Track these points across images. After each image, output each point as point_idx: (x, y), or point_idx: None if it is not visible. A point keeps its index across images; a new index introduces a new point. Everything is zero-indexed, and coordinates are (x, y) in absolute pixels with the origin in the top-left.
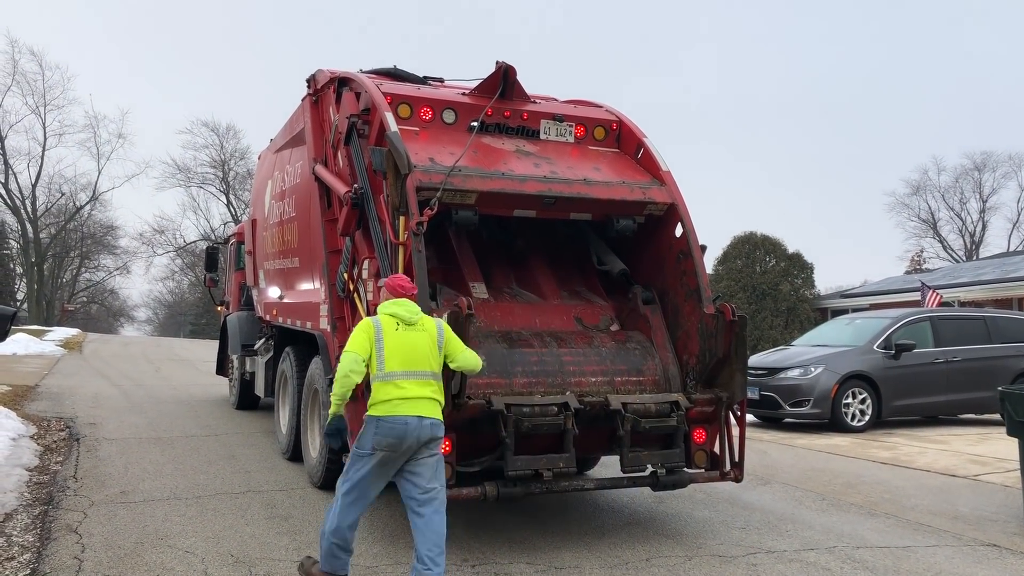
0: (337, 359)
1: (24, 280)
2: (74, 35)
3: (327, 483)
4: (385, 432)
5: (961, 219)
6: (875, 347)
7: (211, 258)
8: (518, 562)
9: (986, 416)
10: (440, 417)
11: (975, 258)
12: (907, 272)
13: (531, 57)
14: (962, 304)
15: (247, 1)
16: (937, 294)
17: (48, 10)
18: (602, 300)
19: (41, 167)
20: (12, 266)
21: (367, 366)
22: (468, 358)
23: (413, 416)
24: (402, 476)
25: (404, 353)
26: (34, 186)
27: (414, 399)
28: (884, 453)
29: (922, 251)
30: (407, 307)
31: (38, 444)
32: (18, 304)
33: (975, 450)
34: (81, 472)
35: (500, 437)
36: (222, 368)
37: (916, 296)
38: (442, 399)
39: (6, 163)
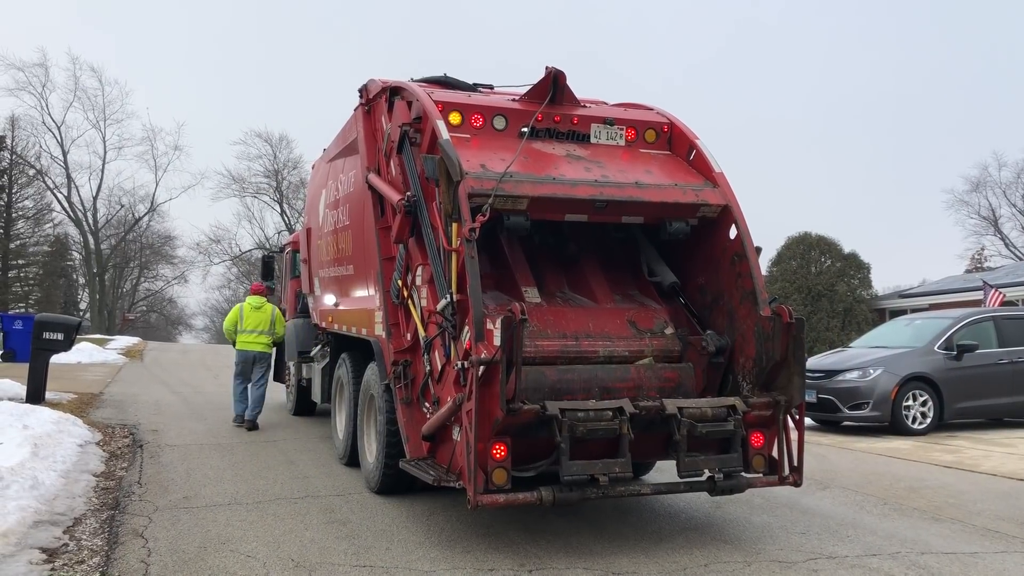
0: (392, 364)
1: (87, 290)
2: (130, 50)
3: (384, 488)
4: (239, 356)
5: None
6: (936, 348)
7: (267, 267)
8: (575, 567)
9: None
10: (265, 350)
11: None
12: (967, 271)
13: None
14: None
15: (297, 12)
16: (1000, 293)
17: (104, 26)
18: (656, 303)
19: (101, 180)
20: (75, 277)
21: (236, 326)
22: (279, 330)
23: (250, 350)
24: (248, 376)
25: (253, 321)
26: (95, 199)
27: (252, 342)
28: (947, 456)
29: (983, 249)
30: (256, 299)
31: (104, 450)
32: (81, 314)
33: None
34: (145, 478)
35: (555, 442)
36: (278, 374)
37: (977, 295)
38: (270, 343)
39: (69, 177)
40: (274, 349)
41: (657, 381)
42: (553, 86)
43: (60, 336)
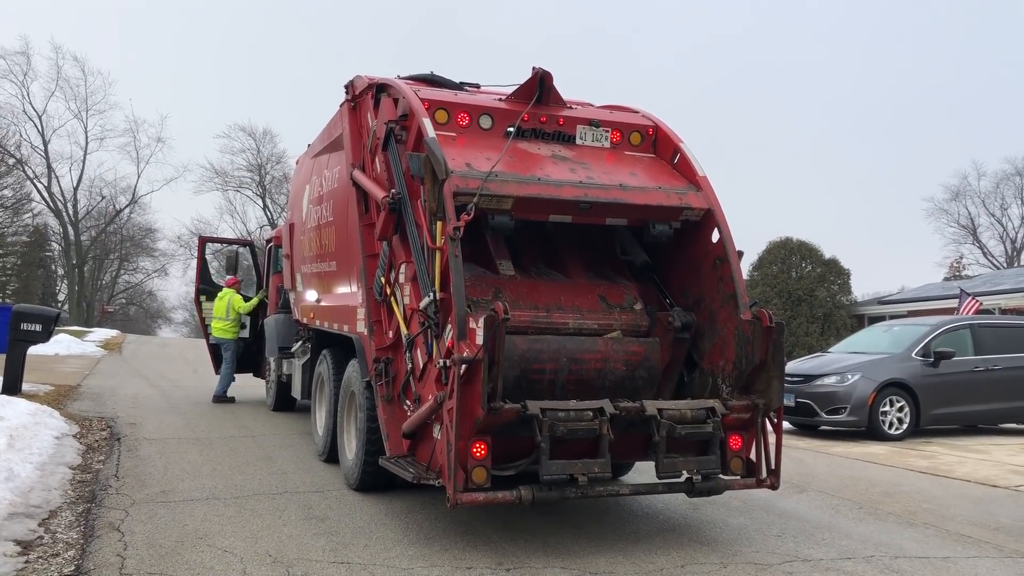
0: (374, 361)
1: (65, 282)
2: (114, 40)
3: (363, 485)
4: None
5: (1002, 225)
6: (913, 355)
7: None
8: (553, 566)
9: None
10: (220, 334)
11: (1016, 264)
12: (946, 279)
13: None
14: (1003, 311)
15: (284, 6)
16: (977, 301)
17: (88, 16)
18: (627, 281)
19: (83, 171)
20: (54, 268)
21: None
22: (238, 307)
23: (213, 336)
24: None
25: (214, 310)
26: (76, 189)
27: (215, 327)
28: (922, 462)
29: (962, 257)
30: (223, 291)
31: (81, 443)
32: (60, 305)
33: (1016, 460)
34: (122, 471)
35: (535, 442)
36: (258, 370)
37: (955, 303)
38: (223, 327)
39: (49, 167)
40: (238, 333)
41: (624, 354)
42: (540, 87)
43: (38, 327)
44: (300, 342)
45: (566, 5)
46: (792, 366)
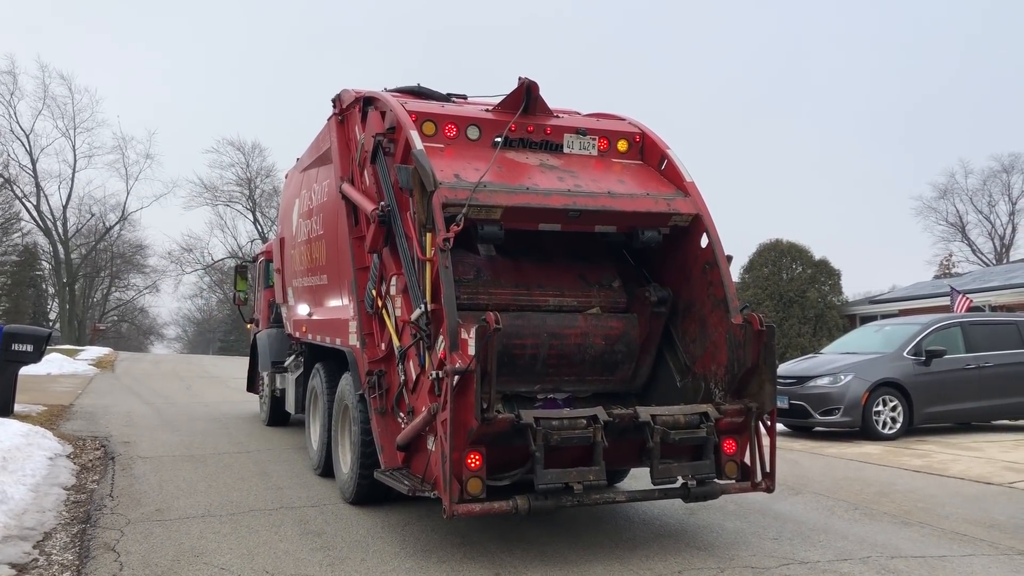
0: (367, 374)
1: (56, 300)
2: (100, 57)
3: (359, 499)
4: None
5: (990, 222)
6: (905, 354)
7: (241, 276)
8: (550, 575)
9: (1021, 422)
10: None
11: (1005, 261)
12: (936, 277)
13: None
14: (993, 308)
15: (271, 20)
16: (967, 298)
17: (74, 33)
18: (605, 260)
19: (71, 189)
20: (44, 287)
21: None
22: None
23: None
24: None
25: None
26: (65, 208)
27: None
28: (916, 461)
29: (951, 255)
30: None
31: (74, 463)
32: (51, 324)
33: (1010, 457)
34: (117, 491)
35: (530, 451)
36: (252, 385)
37: (946, 301)
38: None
39: (38, 186)
40: None
41: (603, 329)
42: (526, 96)
43: (30, 347)
44: (293, 356)
45: (578, 14)
46: (785, 368)
